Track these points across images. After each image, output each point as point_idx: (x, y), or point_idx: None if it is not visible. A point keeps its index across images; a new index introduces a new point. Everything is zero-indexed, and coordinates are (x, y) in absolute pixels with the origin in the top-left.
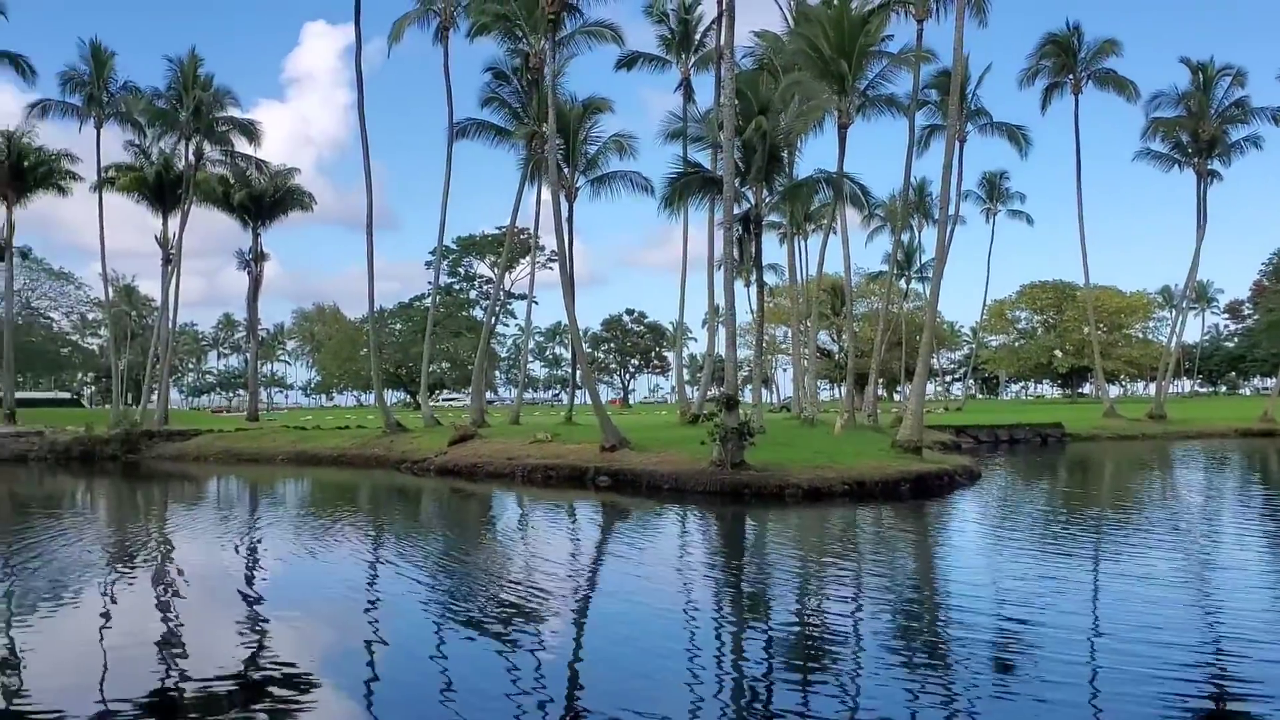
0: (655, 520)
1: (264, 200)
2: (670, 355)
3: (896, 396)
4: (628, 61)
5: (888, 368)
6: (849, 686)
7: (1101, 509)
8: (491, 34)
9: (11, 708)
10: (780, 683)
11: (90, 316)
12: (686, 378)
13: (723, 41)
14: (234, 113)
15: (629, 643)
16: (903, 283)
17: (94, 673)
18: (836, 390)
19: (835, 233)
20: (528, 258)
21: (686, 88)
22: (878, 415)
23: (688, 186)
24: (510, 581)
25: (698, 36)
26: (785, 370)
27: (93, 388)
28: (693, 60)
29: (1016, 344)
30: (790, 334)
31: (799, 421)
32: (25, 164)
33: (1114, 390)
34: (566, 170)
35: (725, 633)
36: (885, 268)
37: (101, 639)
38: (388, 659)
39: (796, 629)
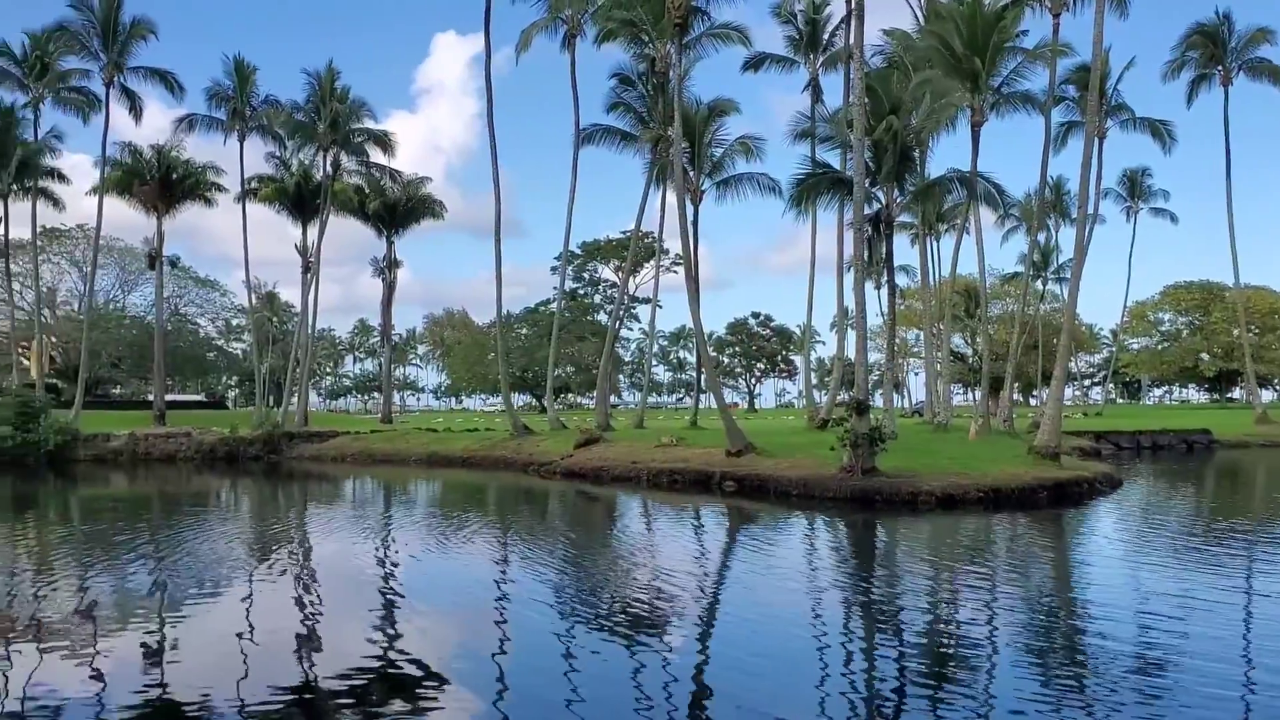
0: (782, 526)
1: (397, 209)
2: (797, 359)
3: (1033, 401)
4: (755, 63)
5: (1023, 371)
6: (983, 704)
7: (1253, 521)
8: (617, 40)
9: (163, 696)
10: (912, 696)
11: (234, 322)
12: (814, 382)
13: (852, 40)
14: (369, 124)
15: (756, 651)
16: (1039, 284)
17: (235, 665)
18: (970, 395)
19: (968, 233)
20: (652, 261)
21: (814, 88)
22: (1013, 420)
23: (816, 187)
24: (636, 586)
25: (826, 36)
26: (917, 374)
27: (236, 391)
28: (821, 60)
29: (1159, 347)
30: (922, 337)
31: (932, 427)
32: (174, 177)
33: (1266, 395)
34: (692, 173)
35: (855, 643)
36: (1021, 269)
37: (243, 632)
38: (515, 661)
39: (929, 641)
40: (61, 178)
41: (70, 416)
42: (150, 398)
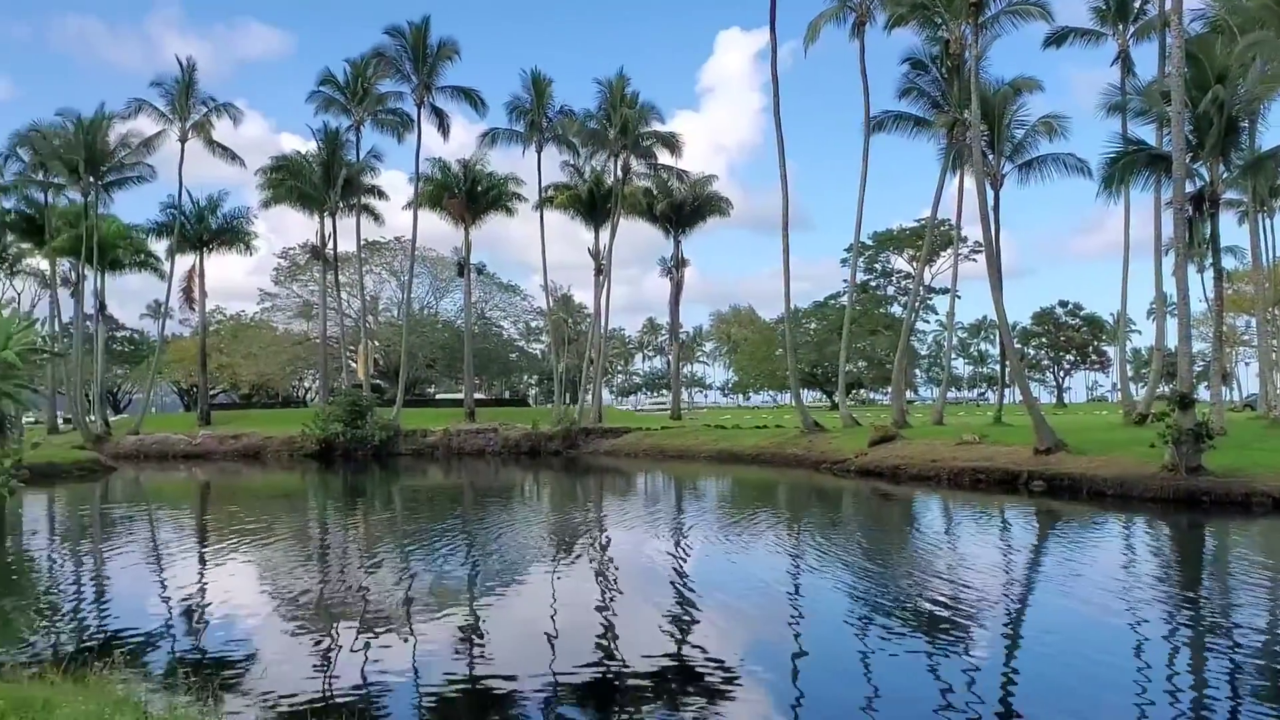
0: (1096, 528)
1: (684, 208)
2: (1110, 350)
3: None
4: (1057, 38)
5: None
6: None
7: None
8: (909, 24)
9: (474, 678)
10: (1248, 716)
11: (534, 324)
12: (1130, 374)
13: (1169, 6)
14: (656, 127)
15: (1065, 660)
16: None
17: (540, 651)
18: None
19: None
20: (949, 250)
21: (1124, 60)
22: None
23: (1130, 166)
24: (935, 587)
25: (1137, 4)
26: (1248, 364)
27: (536, 388)
28: (1131, 30)
29: None
30: (1254, 324)
31: (1266, 421)
32: (479, 189)
33: None
34: (991, 156)
35: (1180, 656)
36: None
37: (546, 620)
38: (810, 659)
39: (1266, 658)
40: (381, 194)
41: (392, 414)
42: (460, 396)
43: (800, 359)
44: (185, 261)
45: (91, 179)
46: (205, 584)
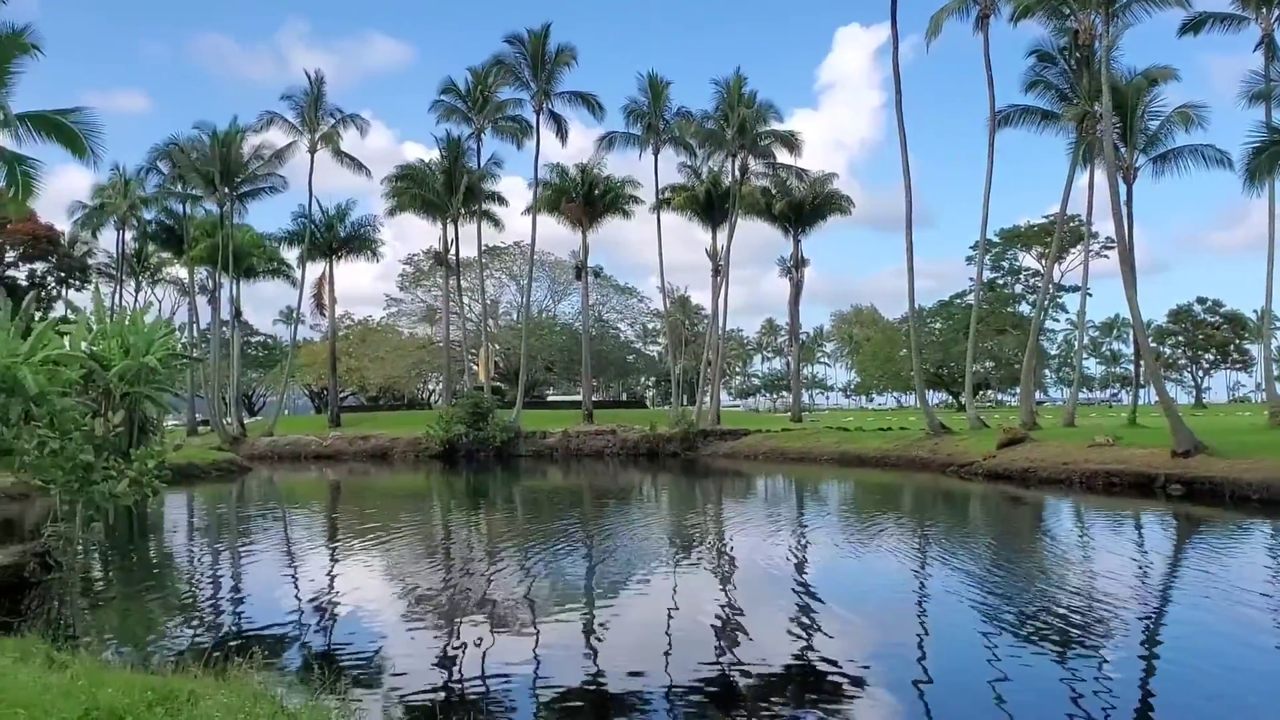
0: (1241, 534)
1: (803, 207)
2: (1254, 349)
3: None
4: (1194, 24)
5: None
6: None
7: None
8: (1035, 15)
9: (597, 676)
10: None
11: (650, 326)
12: (1275, 373)
13: None
14: (775, 126)
15: (1206, 681)
16: None
17: (660, 652)
18: None
19: None
20: (1079, 246)
21: (1268, 45)
22: None
23: (1276, 156)
24: (1069, 595)
25: None
26: None
27: (653, 390)
28: (1276, 14)
29: None
30: None
31: None
32: (596, 193)
33: None
34: (1123, 150)
35: None
36: None
37: (666, 621)
38: (937, 666)
39: None
40: (501, 200)
41: (512, 415)
42: (578, 398)
43: (925, 359)
44: (315, 269)
45: (226, 190)
46: (335, 580)
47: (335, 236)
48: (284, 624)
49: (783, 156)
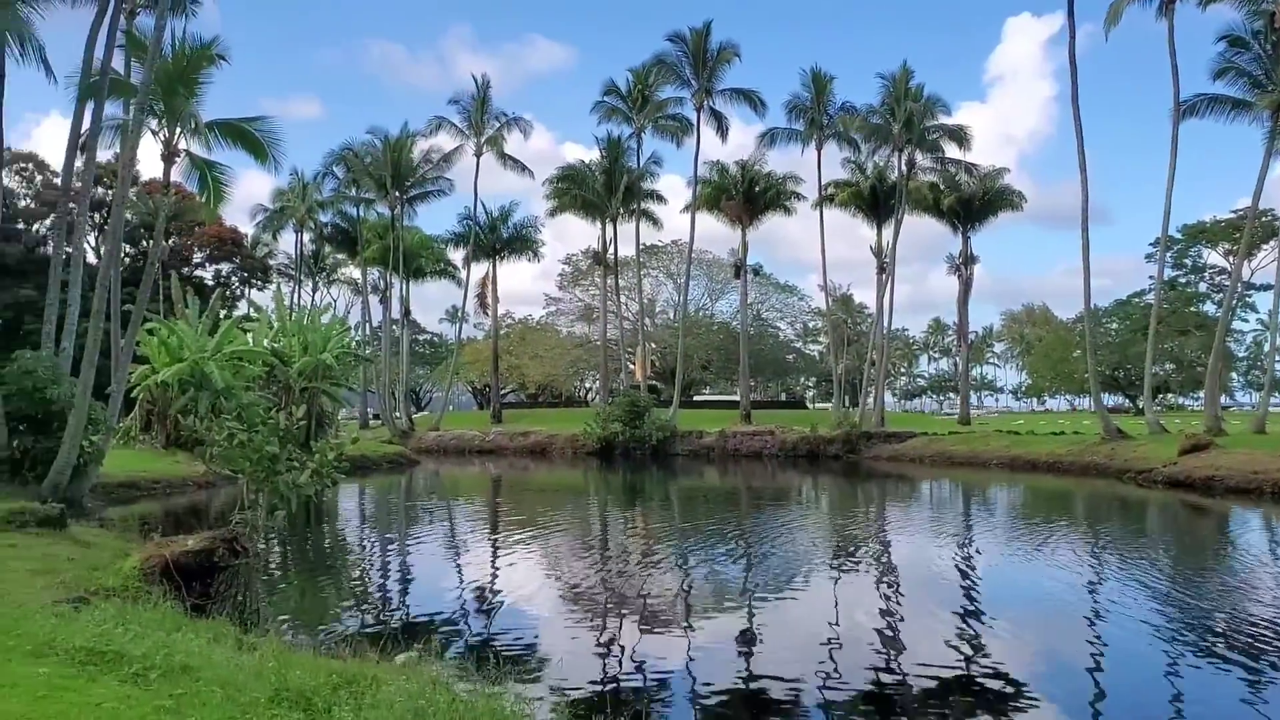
0: None
1: (973, 203)
2: None
3: None
4: None
5: None
6: None
7: None
8: None
9: (753, 680)
10: None
11: (811, 325)
12: None
13: None
14: (942, 119)
15: None
16: None
17: (818, 658)
18: None
19: None
20: (1272, 242)
21: None
22: None
23: None
24: (1256, 611)
25: None
26: None
27: (814, 390)
28: None
29: None
30: None
31: None
32: (756, 190)
33: None
34: None
35: None
36: None
37: (825, 627)
38: (1110, 680)
39: None
40: (659, 199)
41: (669, 415)
42: (735, 397)
43: (1100, 361)
44: (479, 269)
45: (397, 194)
46: (497, 572)
47: (498, 237)
48: (448, 612)
49: (951, 151)
